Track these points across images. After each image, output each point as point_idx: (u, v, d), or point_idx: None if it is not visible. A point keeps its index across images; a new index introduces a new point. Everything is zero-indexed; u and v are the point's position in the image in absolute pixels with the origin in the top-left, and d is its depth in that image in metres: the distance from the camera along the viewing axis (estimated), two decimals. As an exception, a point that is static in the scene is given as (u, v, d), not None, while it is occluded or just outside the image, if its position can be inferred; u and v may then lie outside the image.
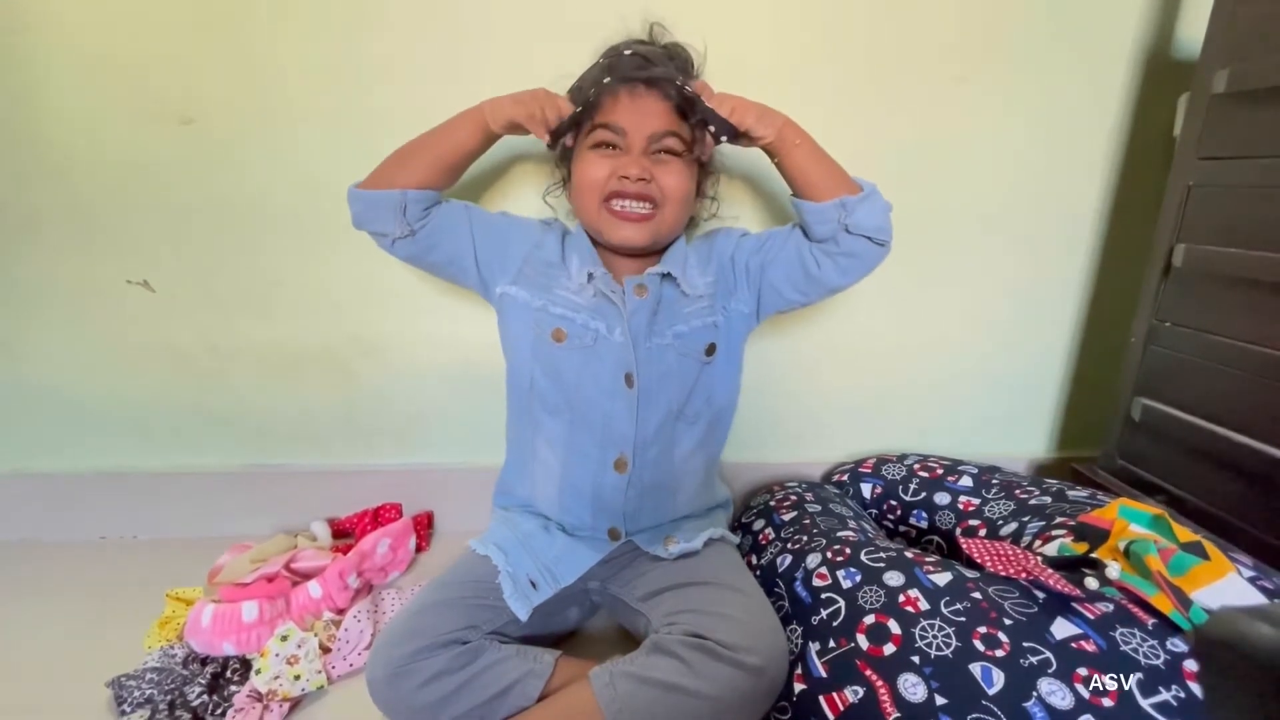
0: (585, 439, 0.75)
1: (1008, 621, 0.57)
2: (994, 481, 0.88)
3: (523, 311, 0.75)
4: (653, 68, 0.71)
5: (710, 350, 0.76)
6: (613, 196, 0.71)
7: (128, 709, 0.67)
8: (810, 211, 0.72)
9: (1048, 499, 0.80)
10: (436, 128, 0.74)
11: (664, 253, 0.78)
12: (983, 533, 0.80)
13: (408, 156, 0.73)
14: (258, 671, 0.70)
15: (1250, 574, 0.60)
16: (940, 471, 0.92)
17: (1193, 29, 0.88)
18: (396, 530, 0.93)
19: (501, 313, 0.79)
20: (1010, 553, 0.63)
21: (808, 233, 0.75)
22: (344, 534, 0.99)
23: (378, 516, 0.99)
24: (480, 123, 0.72)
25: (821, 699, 0.59)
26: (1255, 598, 0.57)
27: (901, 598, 0.62)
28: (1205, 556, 0.59)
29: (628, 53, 0.72)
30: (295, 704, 0.70)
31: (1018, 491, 0.84)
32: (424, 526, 1.01)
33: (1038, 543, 0.70)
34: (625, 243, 0.73)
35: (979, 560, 0.64)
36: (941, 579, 0.63)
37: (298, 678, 0.70)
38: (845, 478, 0.99)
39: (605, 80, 0.70)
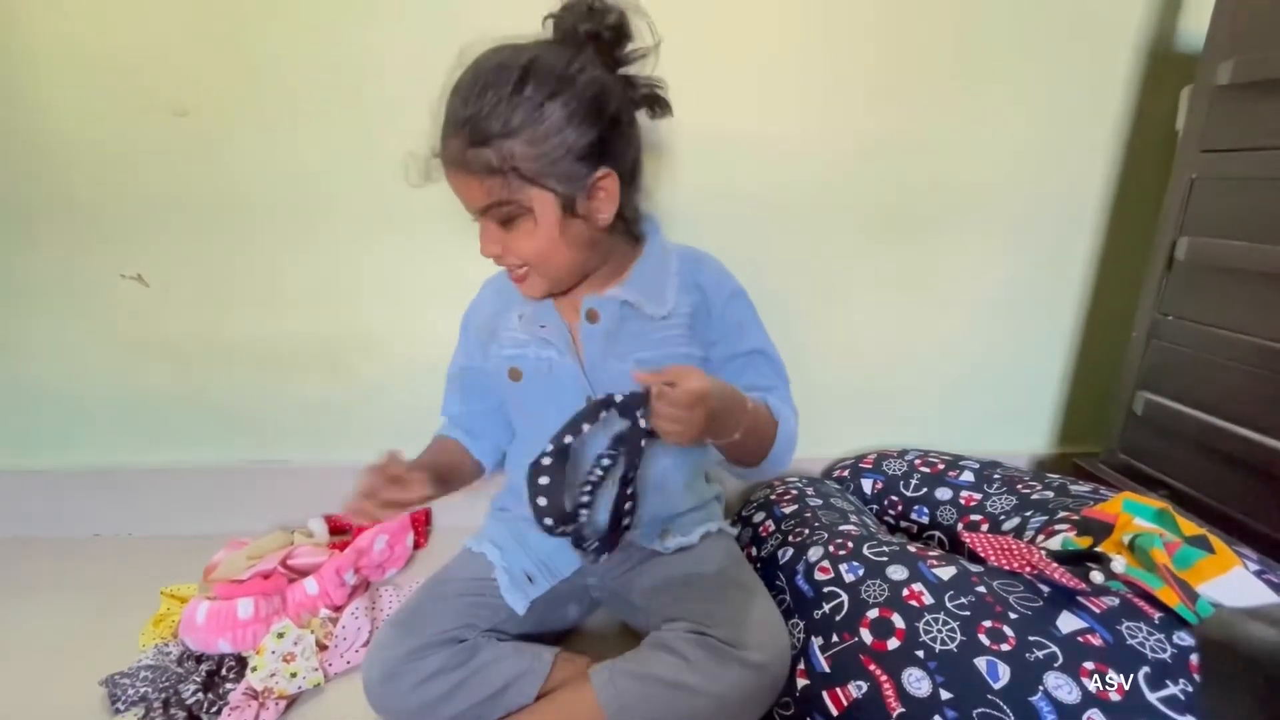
0: None
1: (1013, 615, 0.56)
2: (995, 477, 0.88)
3: (491, 365, 0.74)
4: (448, 139, 0.60)
5: None
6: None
7: (121, 707, 0.67)
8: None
9: (1050, 494, 0.80)
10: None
11: (631, 257, 0.72)
12: (985, 528, 0.80)
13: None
14: (253, 669, 0.69)
15: (1255, 568, 0.60)
16: (941, 467, 0.92)
17: (1196, 21, 0.88)
18: (394, 527, 0.92)
19: None
20: (1014, 547, 0.62)
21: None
22: (341, 531, 0.97)
23: (375, 513, 0.98)
24: None
25: (825, 694, 0.59)
26: (1261, 591, 0.56)
27: (905, 592, 0.62)
28: (1210, 550, 0.58)
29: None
30: (291, 701, 0.69)
31: (1020, 486, 0.83)
32: (422, 523, 1.00)
33: (1041, 537, 0.70)
34: (529, 297, 0.70)
35: (982, 554, 0.63)
36: (945, 573, 0.62)
37: (294, 675, 0.69)
38: (846, 473, 0.98)
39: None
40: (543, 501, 0.60)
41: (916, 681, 0.55)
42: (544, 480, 0.60)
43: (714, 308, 0.72)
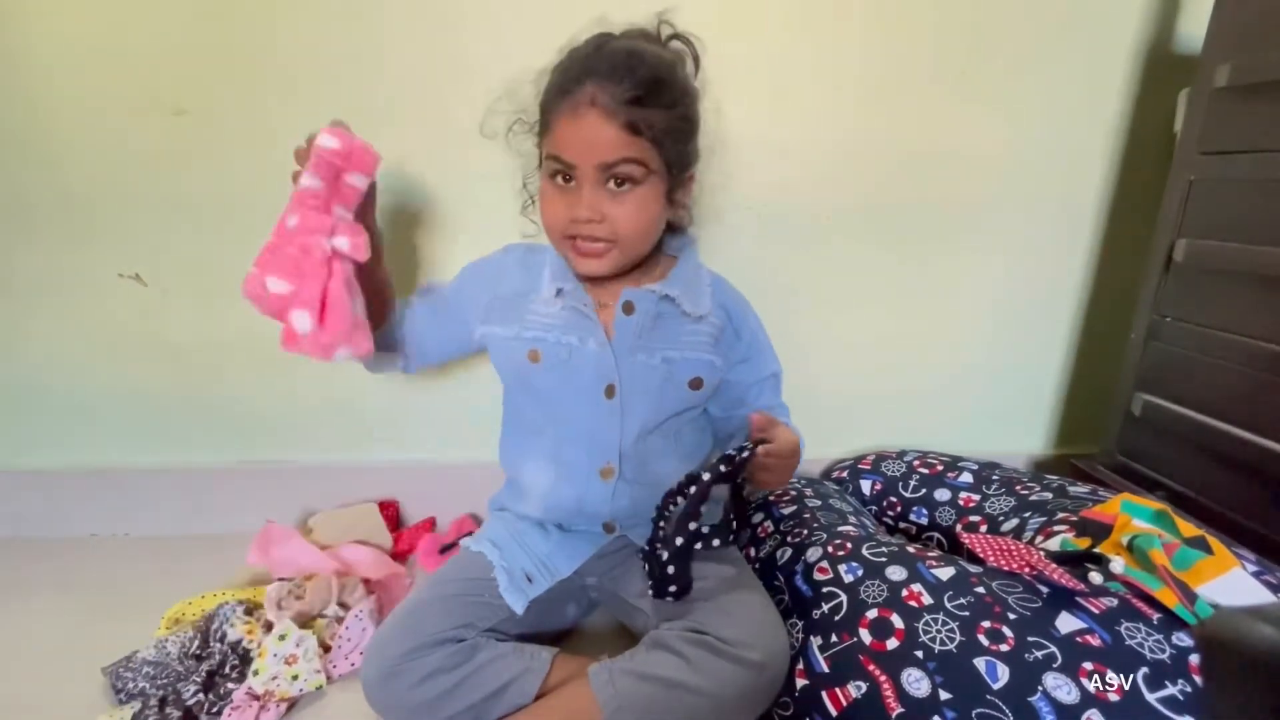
0: (571, 451, 0.73)
1: (1012, 616, 0.56)
2: (994, 478, 0.88)
3: (500, 344, 0.74)
4: (607, 84, 0.61)
5: (696, 384, 0.72)
6: (572, 234, 0.67)
7: (123, 698, 0.67)
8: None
9: (1049, 495, 0.80)
10: None
11: (666, 264, 0.75)
12: (984, 529, 0.80)
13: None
14: (255, 672, 0.68)
15: (1254, 569, 0.60)
16: (940, 468, 0.92)
17: (1194, 23, 0.88)
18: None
19: (489, 351, 0.76)
20: (1013, 547, 0.63)
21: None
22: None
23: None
24: None
25: (824, 694, 0.59)
26: (1260, 592, 0.56)
27: (904, 592, 0.62)
28: (1209, 551, 0.59)
29: (580, 52, 0.65)
30: (293, 704, 0.69)
31: (1018, 487, 0.83)
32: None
33: (1040, 538, 0.70)
34: (590, 274, 0.70)
35: (981, 555, 0.63)
36: (944, 573, 0.62)
37: (295, 678, 0.69)
38: (845, 474, 0.99)
39: (550, 98, 0.65)
40: (674, 588, 0.64)
41: (916, 682, 0.55)
42: (672, 570, 0.63)
43: (742, 333, 0.77)
